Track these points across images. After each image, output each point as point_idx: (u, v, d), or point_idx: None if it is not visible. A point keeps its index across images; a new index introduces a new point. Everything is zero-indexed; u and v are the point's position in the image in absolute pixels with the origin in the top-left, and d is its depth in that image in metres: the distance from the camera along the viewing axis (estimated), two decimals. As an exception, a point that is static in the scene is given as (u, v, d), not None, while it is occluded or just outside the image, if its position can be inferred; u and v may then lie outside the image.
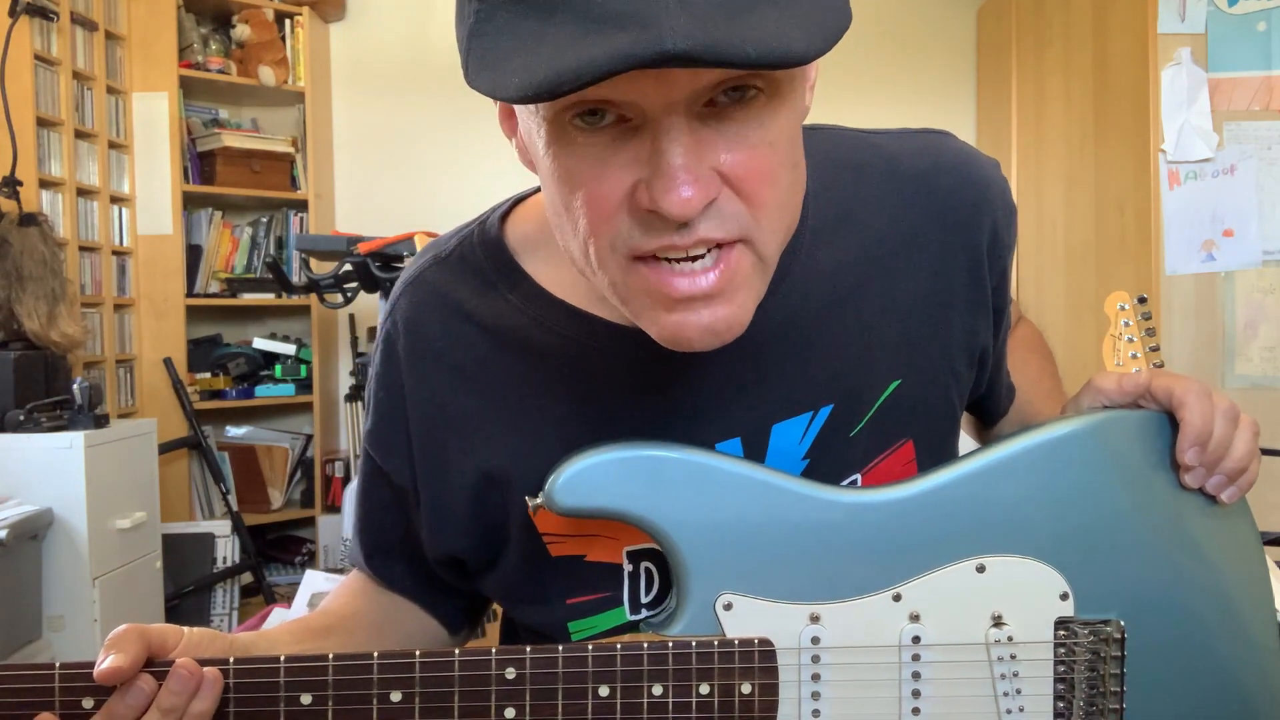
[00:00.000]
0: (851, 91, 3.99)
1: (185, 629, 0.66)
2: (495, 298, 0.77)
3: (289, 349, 3.73)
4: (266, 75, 3.62)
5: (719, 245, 0.60)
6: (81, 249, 3.13)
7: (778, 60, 0.51)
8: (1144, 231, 2.67)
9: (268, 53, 3.65)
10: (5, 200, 2.74)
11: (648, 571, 0.76)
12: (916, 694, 0.70)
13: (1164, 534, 0.74)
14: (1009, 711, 0.71)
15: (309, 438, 3.78)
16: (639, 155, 0.57)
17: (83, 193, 3.17)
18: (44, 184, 2.97)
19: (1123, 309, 1.66)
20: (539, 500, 0.70)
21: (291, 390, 3.68)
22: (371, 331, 3.74)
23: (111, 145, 3.34)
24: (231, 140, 3.61)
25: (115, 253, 3.34)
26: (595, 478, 0.69)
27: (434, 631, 0.88)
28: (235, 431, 3.76)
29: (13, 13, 2.79)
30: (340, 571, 2.63)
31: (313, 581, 2.40)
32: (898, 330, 0.76)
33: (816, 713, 0.69)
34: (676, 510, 0.70)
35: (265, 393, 3.65)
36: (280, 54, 3.68)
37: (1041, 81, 3.40)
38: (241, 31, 3.64)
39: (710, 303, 0.61)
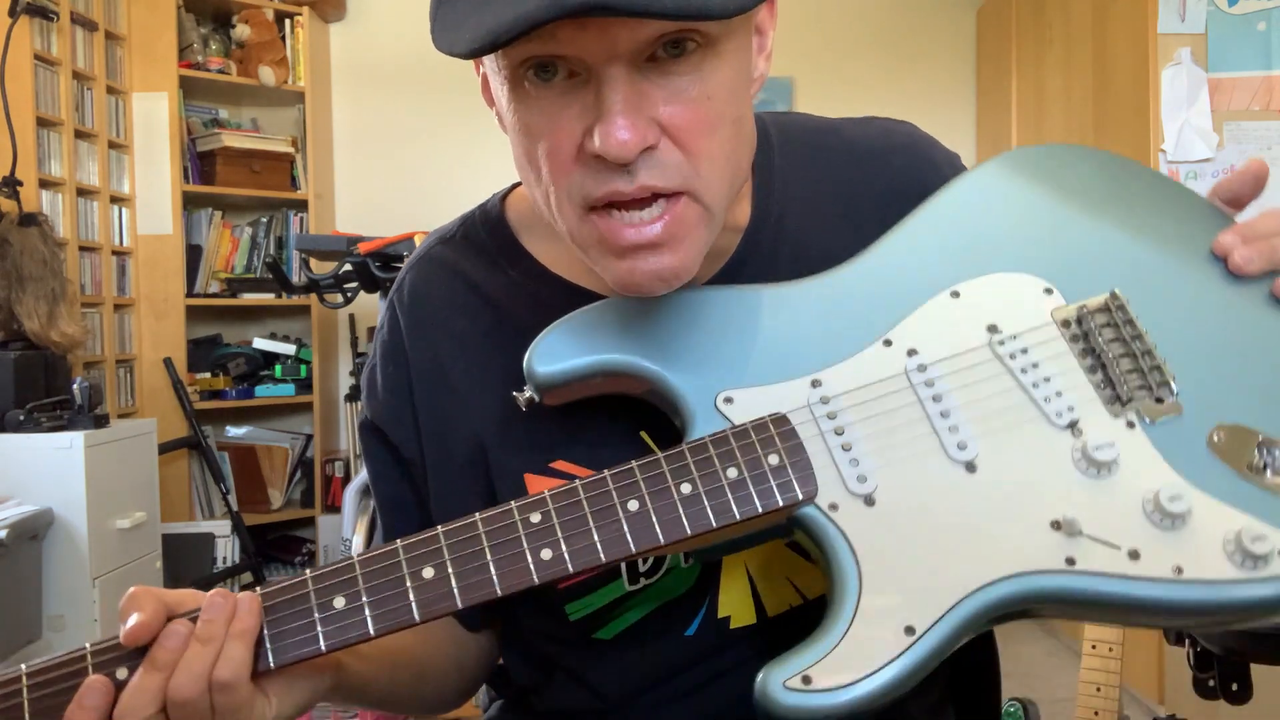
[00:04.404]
0: (852, 91, 4.00)
1: (202, 593, 0.65)
2: (498, 272, 0.81)
3: (289, 349, 3.73)
4: (266, 75, 3.62)
5: (664, 197, 0.64)
6: (81, 249, 3.13)
7: (694, 12, 0.56)
8: (1144, 231, 2.66)
9: (268, 53, 3.65)
10: (5, 200, 2.74)
11: None
12: (945, 413, 0.68)
13: (1122, 221, 0.74)
14: (1047, 399, 0.68)
15: (309, 438, 3.78)
16: (586, 105, 0.62)
17: (83, 193, 3.17)
18: (44, 184, 2.97)
19: (1123, 309, 1.66)
20: (526, 391, 0.70)
21: (291, 390, 3.68)
22: (371, 332, 3.74)
23: (111, 145, 3.34)
24: (231, 140, 3.61)
25: (115, 253, 3.34)
26: (565, 338, 0.70)
27: (456, 642, 0.86)
28: (235, 431, 3.76)
29: (13, 13, 2.79)
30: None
31: (313, 581, 2.40)
32: None
33: (855, 461, 0.66)
34: (649, 342, 0.70)
35: (265, 393, 3.65)
36: (280, 54, 3.68)
37: (1041, 82, 3.40)
38: (241, 31, 3.64)
39: (657, 251, 0.65)
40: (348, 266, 2.83)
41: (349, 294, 2.98)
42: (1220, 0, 2.58)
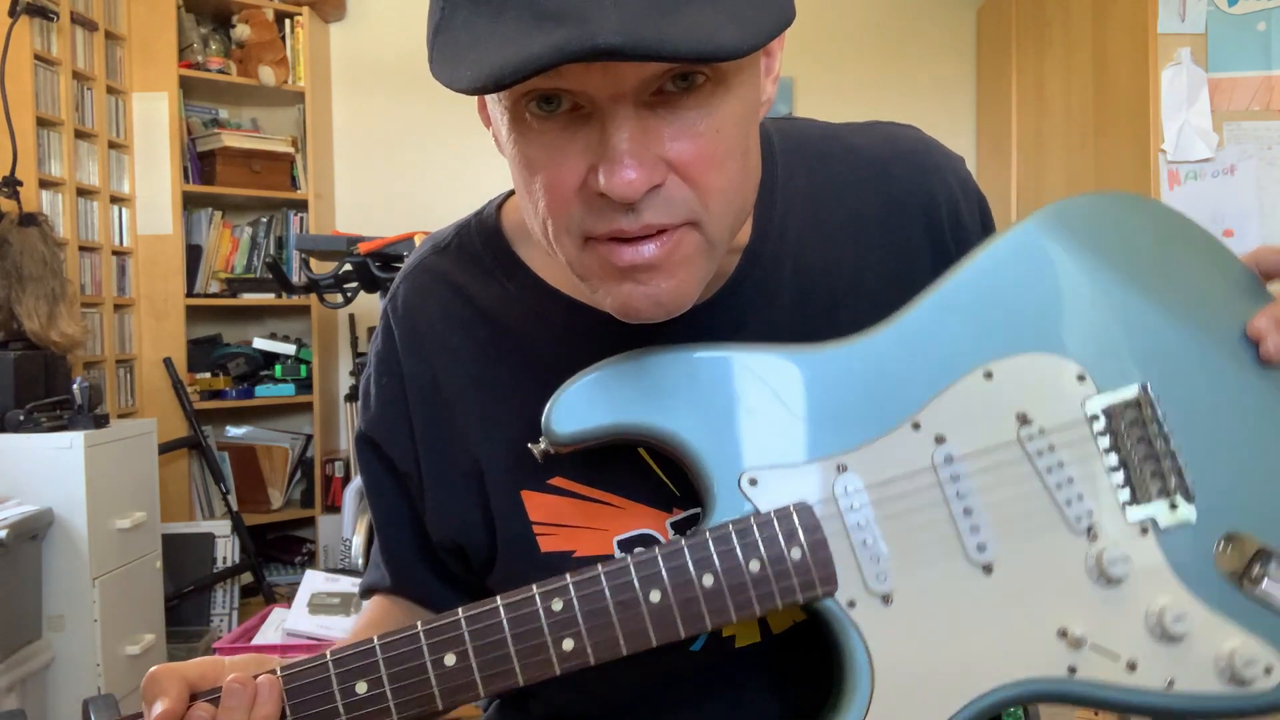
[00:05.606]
0: (851, 91, 4.00)
1: (226, 659, 0.66)
2: (494, 285, 0.79)
3: (289, 349, 3.73)
4: (266, 75, 3.62)
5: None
6: (81, 249, 3.13)
7: (708, 55, 0.54)
8: (1144, 231, 2.66)
9: (268, 53, 3.65)
10: (5, 200, 2.74)
11: None
12: (969, 511, 0.68)
13: (1160, 297, 0.73)
14: (1069, 502, 0.68)
15: (309, 438, 3.78)
16: (590, 142, 0.60)
17: (83, 193, 3.17)
18: (44, 184, 2.97)
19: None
20: (541, 444, 0.69)
21: (291, 390, 3.68)
22: (371, 331, 3.74)
23: (111, 145, 3.34)
24: (231, 140, 3.61)
25: (115, 253, 3.34)
26: (586, 398, 0.69)
27: None
28: (235, 431, 3.76)
29: (13, 13, 2.79)
30: (340, 571, 2.63)
31: (312, 581, 2.40)
32: (866, 309, 0.77)
33: (876, 559, 0.67)
34: (673, 407, 0.69)
35: (265, 393, 3.65)
36: (280, 54, 3.68)
37: (1041, 81, 3.40)
38: (241, 31, 3.64)
39: (654, 274, 0.63)
40: (348, 266, 2.83)
41: (349, 294, 2.98)
42: (1220, 0, 2.58)
